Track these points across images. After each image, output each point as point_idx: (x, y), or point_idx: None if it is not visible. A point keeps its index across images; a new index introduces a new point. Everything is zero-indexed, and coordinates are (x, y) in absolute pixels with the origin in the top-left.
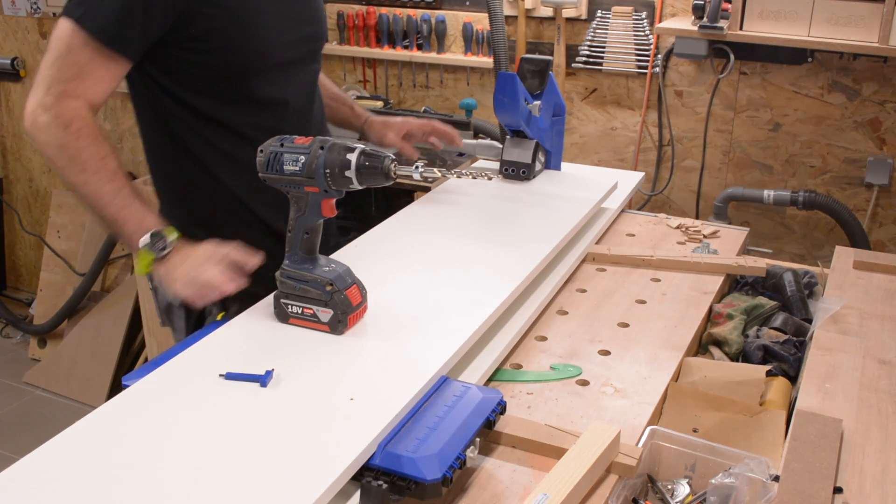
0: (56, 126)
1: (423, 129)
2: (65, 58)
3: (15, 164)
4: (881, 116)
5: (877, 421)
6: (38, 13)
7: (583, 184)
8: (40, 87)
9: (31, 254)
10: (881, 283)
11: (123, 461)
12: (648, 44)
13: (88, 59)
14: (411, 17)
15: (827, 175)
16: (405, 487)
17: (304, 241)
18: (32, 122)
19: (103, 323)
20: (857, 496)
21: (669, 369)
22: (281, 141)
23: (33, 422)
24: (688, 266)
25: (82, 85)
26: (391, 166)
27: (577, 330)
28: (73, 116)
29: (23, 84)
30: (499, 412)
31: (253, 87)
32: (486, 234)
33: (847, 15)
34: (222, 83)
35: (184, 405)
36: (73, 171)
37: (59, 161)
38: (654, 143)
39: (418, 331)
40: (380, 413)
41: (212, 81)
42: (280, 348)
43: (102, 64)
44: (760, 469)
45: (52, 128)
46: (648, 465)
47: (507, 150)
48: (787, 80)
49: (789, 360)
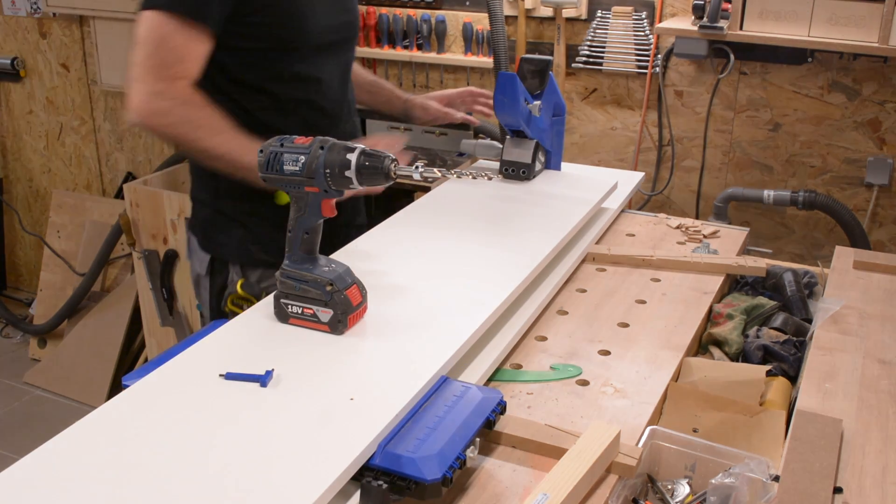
0: (179, 106)
1: (461, 96)
2: (163, 46)
3: (15, 164)
4: (881, 116)
5: (877, 421)
6: (38, 13)
7: (583, 184)
8: (147, 78)
9: (31, 254)
10: (881, 283)
11: (123, 461)
12: (648, 44)
13: (184, 42)
14: (411, 17)
15: (827, 175)
16: (405, 487)
17: (304, 241)
18: (150, 111)
19: (103, 323)
20: (857, 496)
21: (669, 369)
22: (281, 141)
23: (33, 422)
24: (688, 266)
25: (184, 66)
26: (391, 166)
27: (577, 330)
28: (188, 93)
29: (23, 84)
30: (499, 412)
31: (293, 64)
32: (486, 234)
33: (847, 15)
34: (267, 58)
35: (184, 405)
36: (206, 137)
37: (189, 135)
38: (654, 143)
39: (418, 331)
40: (380, 413)
41: (258, 55)
42: (280, 348)
43: (196, 43)
44: (760, 469)
45: (175, 108)
46: (648, 465)
47: (507, 150)
48: (787, 80)
49: (789, 360)
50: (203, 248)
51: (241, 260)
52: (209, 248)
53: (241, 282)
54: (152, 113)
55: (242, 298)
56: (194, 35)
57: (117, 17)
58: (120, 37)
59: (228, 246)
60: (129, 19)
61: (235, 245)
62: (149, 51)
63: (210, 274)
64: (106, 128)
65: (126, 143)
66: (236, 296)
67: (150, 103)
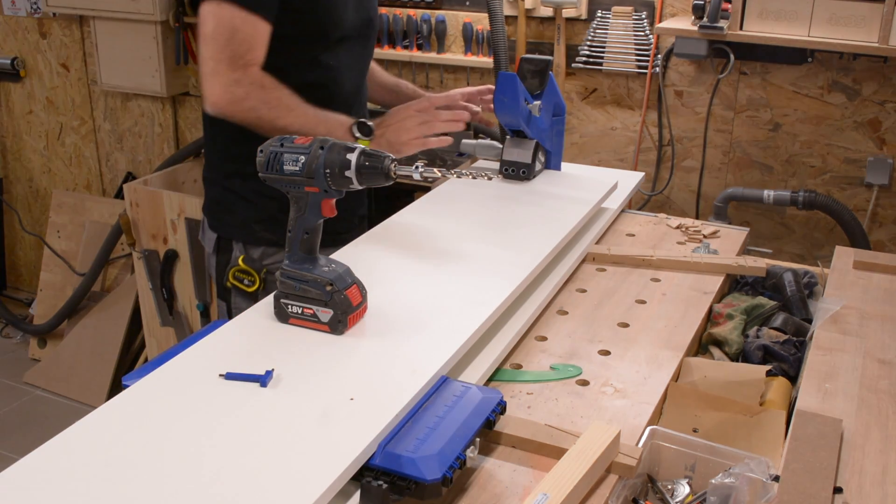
0: (256, 90)
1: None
2: (234, 39)
3: (15, 164)
4: (881, 116)
5: (877, 421)
6: (38, 13)
7: (583, 184)
8: (222, 69)
9: (31, 254)
10: (881, 283)
11: (123, 461)
12: (648, 44)
13: (252, 32)
14: (411, 17)
15: (827, 175)
16: (405, 487)
17: (303, 241)
18: (230, 99)
19: (103, 323)
20: (857, 496)
21: (669, 369)
22: (281, 141)
23: (33, 422)
24: (688, 266)
25: (254, 53)
26: (391, 166)
27: (577, 330)
28: (261, 77)
29: (23, 84)
30: (499, 412)
31: (317, 52)
32: (486, 234)
33: (847, 15)
34: (296, 43)
35: (184, 405)
36: (282, 116)
37: (267, 115)
38: (654, 143)
39: (418, 331)
40: (380, 413)
41: (287, 41)
42: (280, 348)
43: (263, 33)
44: (760, 469)
45: (253, 93)
46: (648, 465)
47: (507, 150)
48: (787, 80)
49: (789, 360)
50: (211, 228)
51: (244, 238)
52: (216, 227)
53: (242, 256)
54: (232, 101)
55: (243, 272)
56: (259, 23)
57: (117, 17)
58: (120, 37)
59: (233, 224)
60: (129, 19)
61: (239, 223)
62: (221, 44)
63: (216, 252)
64: (106, 128)
65: (126, 143)
66: (238, 269)
67: (228, 93)
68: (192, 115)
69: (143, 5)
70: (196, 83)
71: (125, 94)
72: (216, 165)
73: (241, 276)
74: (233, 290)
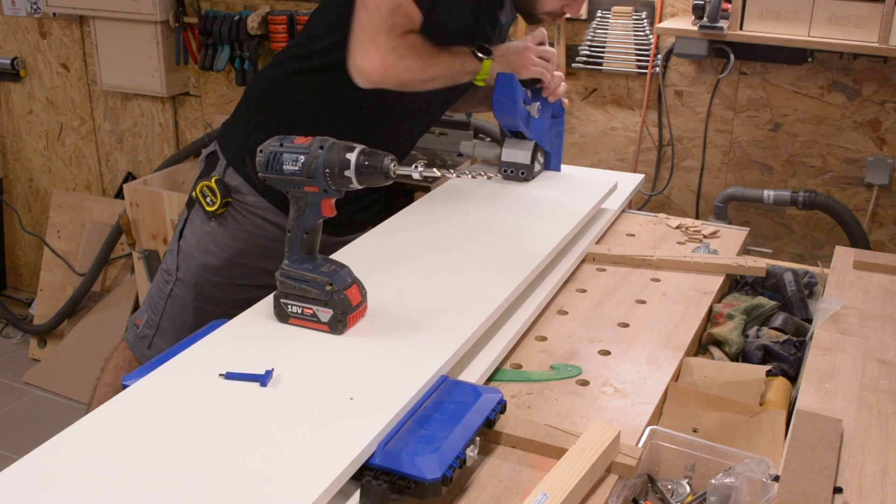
0: (410, 52)
1: None
2: (397, 12)
3: (15, 164)
4: (881, 116)
5: (877, 421)
6: (38, 13)
7: (582, 185)
8: (380, 38)
9: (31, 254)
10: (881, 283)
11: (123, 461)
12: (648, 44)
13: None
14: None
15: (827, 175)
16: (405, 487)
17: (303, 240)
18: (391, 64)
19: (103, 323)
20: (857, 496)
21: (669, 369)
22: (280, 141)
23: (33, 422)
24: (688, 266)
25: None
26: (391, 166)
27: (577, 330)
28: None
29: (23, 84)
30: (499, 412)
31: None
32: (486, 234)
33: (847, 15)
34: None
35: (184, 405)
36: (431, 66)
37: (422, 71)
38: (654, 143)
39: (418, 331)
40: (379, 413)
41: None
42: (280, 348)
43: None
44: (760, 469)
45: (407, 54)
46: (648, 465)
47: (506, 151)
48: (787, 80)
49: (789, 360)
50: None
51: (231, 159)
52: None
53: (217, 177)
54: (391, 66)
55: (210, 189)
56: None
57: (117, 17)
58: (120, 37)
59: (231, 142)
60: (129, 19)
61: (237, 145)
62: (383, 14)
63: (204, 162)
64: (106, 128)
65: (126, 143)
66: (207, 184)
67: (388, 58)
68: (192, 115)
69: (143, 5)
70: (196, 83)
71: (125, 94)
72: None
73: (206, 192)
74: (196, 203)
